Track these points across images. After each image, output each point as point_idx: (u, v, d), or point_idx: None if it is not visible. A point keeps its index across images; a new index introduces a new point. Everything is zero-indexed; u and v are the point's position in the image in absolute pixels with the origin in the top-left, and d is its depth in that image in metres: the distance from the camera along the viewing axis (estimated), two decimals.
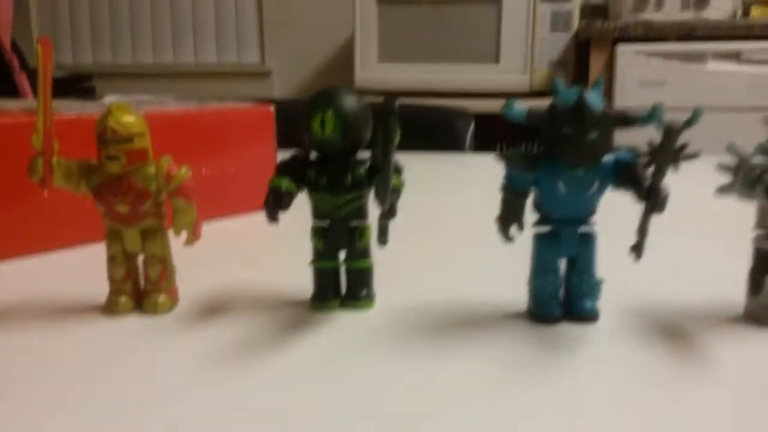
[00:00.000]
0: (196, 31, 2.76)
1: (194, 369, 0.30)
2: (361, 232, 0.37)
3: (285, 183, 0.35)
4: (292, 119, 0.58)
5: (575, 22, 2.14)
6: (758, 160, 0.34)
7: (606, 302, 0.36)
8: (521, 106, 0.33)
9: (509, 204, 0.34)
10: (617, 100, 2.00)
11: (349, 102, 0.35)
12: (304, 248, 0.38)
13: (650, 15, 2.06)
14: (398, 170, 0.36)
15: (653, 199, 0.32)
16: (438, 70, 2.25)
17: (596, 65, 2.04)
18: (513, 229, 0.35)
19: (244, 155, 0.58)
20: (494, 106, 2.11)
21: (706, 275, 0.40)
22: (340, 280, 0.38)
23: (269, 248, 0.50)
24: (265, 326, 0.35)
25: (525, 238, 0.36)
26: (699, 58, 1.94)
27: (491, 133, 2.24)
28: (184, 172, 0.36)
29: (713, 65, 1.94)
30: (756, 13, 2.24)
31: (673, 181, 0.34)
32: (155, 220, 0.37)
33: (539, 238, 0.35)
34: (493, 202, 0.35)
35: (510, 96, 1.90)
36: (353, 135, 0.35)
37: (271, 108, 0.63)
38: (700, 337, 0.34)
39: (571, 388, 0.29)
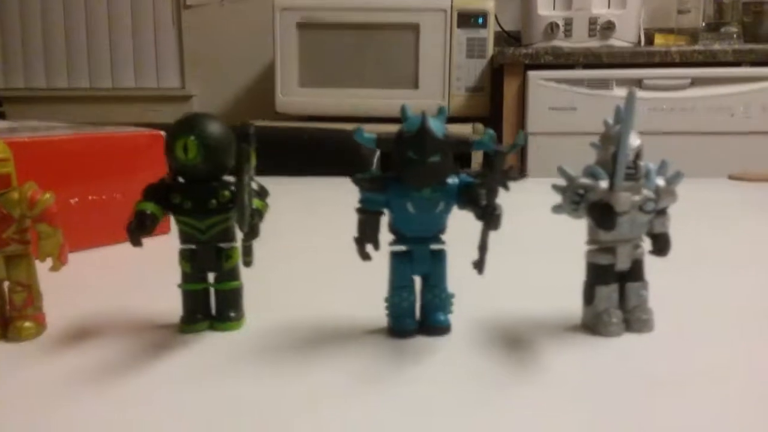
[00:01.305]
0: (114, 55, 2.73)
1: (57, 392, 0.31)
2: (228, 254, 0.38)
3: (150, 207, 0.36)
4: None
5: (490, 49, 2.21)
6: (584, 181, 0.37)
7: (459, 315, 0.39)
8: (371, 132, 0.35)
9: (364, 224, 0.36)
10: (529, 125, 2.07)
11: (212, 128, 0.36)
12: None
13: (560, 42, 2.14)
14: (261, 193, 0.37)
15: (488, 218, 0.35)
16: (358, 95, 2.28)
17: (510, 91, 2.11)
18: (369, 248, 0.37)
19: (133, 180, 0.58)
20: None
21: (550, 288, 0.42)
22: (210, 301, 0.39)
23: (152, 272, 0.51)
24: (132, 349, 0.36)
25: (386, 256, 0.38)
26: (605, 84, 2.03)
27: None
28: (47, 197, 0.37)
29: (618, 91, 2.03)
30: (659, 41, 2.36)
31: (526, 200, 0.36)
32: (19, 246, 0.37)
33: (394, 257, 0.37)
34: None
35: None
36: (216, 160, 0.36)
37: (162, 133, 0.64)
38: (540, 345, 0.36)
39: (420, 394, 0.30)
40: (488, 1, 2.26)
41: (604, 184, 0.36)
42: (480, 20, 2.23)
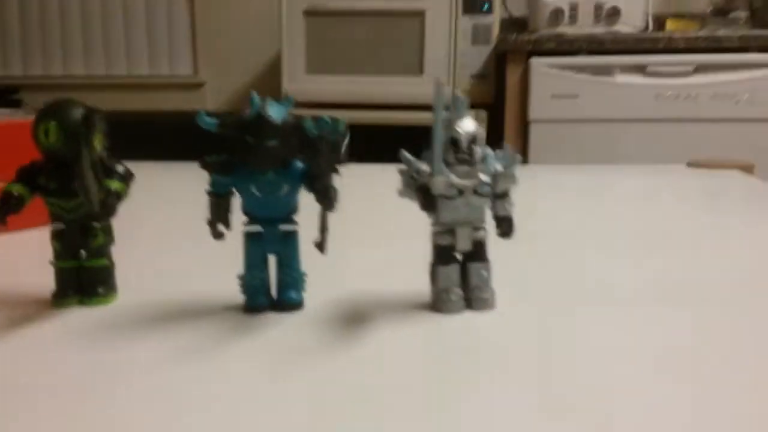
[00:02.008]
0: (128, 43, 2.78)
1: None
2: (94, 233, 0.40)
3: (16, 188, 0.39)
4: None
5: (495, 36, 2.21)
6: (415, 165, 0.38)
7: (315, 293, 0.41)
8: (212, 117, 0.37)
9: (215, 206, 0.38)
10: (532, 112, 2.06)
11: (73, 113, 0.38)
12: None
13: (565, 28, 2.13)
14: (125, 176, 0.40)
15: (322, 200, 0.37)
16: (364, 81, 2.29)
17: (512, 78, 2.10)
18: (221, 228, 0.39)
19: None
20: (418, 118, 2.17)
21: (409, 269, 0.44)
22: (81, 278, 0.41)
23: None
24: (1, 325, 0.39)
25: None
26: (608, 71, 2.01)
27: (414, 144, 2.30)
28: None
29: (621, 78, 2.01)
30: (671, 26, 2.33)
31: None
32: None
33: (246, 237, 0.39)
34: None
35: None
36: (77, 143, 0.38)
37: None
38: (383, 322, 0.38)
39: (240, 366, 0.32)
40: None
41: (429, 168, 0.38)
42: (485, 6, 2.22)
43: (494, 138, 2.08)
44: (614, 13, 2.10)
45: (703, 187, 0.81)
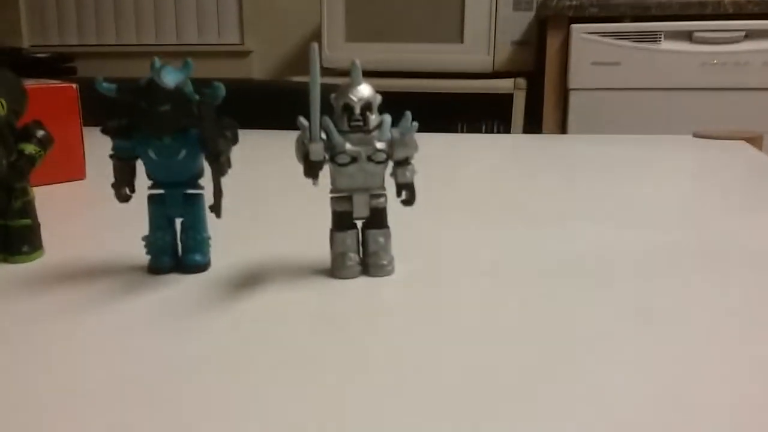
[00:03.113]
0: (178, 12, 2.83)
1: None
2: (16, 194, 0.42)
3: None
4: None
5: (537, 1, 2.16)
6: (305, 132, 0.38)
7: (220, 257, 0.42)
8: (111, 84, 0.38)
9: (118, 170, 0.40)
10: (572, 80, 2.02)
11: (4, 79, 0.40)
12: None
13: None
14: (43, 141, 0.41)
15: (211, 164, 0.37)
16: (404, 49, 2.28)
17: (553, 45, 2.06)
18: (126, 191, 0.40)
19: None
20: (458, 85, 2.18)
21: (315, 234, 0.44)
22: (7, 236, 0.43)
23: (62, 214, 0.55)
24: None
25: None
26: (652, 37, 1.94)
27: (455, 111, 2.28)
28: None
29: (666, 44, 1.94)
30: None
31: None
32: None
33: (150, 199, 0.40)
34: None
35: (473, 76, 1.96)
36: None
37: (75, 86, 0.69)
38: (283, 284, 0.39)
39: (139, 324, 0.34)
40: None
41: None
42: None
43: (533, 106, 2.05)
44: None
45: (702, 159, 0.78)
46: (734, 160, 0.77)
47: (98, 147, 0.66)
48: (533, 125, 2.12)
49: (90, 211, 0.58)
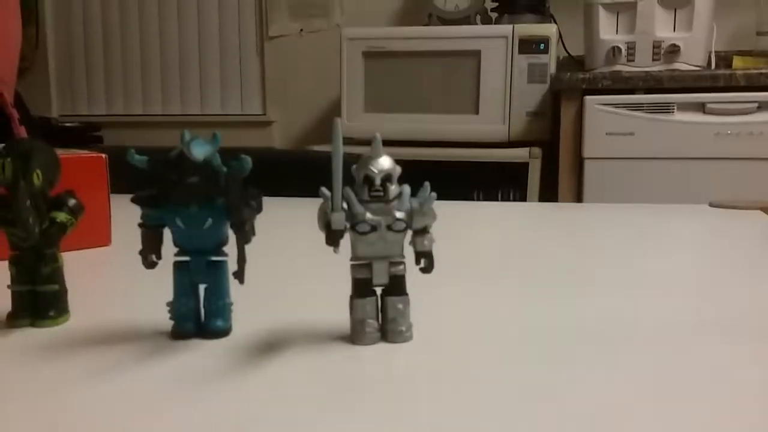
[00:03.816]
0: (203, 83, 2.91)
1: None
2: (47, 260, 0.44)
3: None
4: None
5: (551, 74, 2.20)
6: (327, 202, 0.39)
7: (242, 322, 0.43)
8: (142, 156, 0.40)
9: (146, 237, 0.41)
10: (586, 150, 2.04)
11: (21, 150, 0.42)
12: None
13: (622, 66, 2.11)
14: (74, 210, 0.43)
15: (236, 232, 0.39)
16: (420, 120, 2.33)
17: (567, 116, 2.09)
18: (153, 258, 0.41)
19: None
20: (474, 154, 2.21)
21: (334, 301, 0.45)
22: (35, 301, 0.45)
23: (92, 280, 0.56)
24: None
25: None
26: (665, 108, 1.97)
27: (472, 179, 2.30)
28: None
29: (680, 116, 1.97)
30: (738, 63, 2.26)
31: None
32: None
33: (175, 266, 0.41)
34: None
35: (489, 145, 1.99)
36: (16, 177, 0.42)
37: (104, 156, 0.71)
38: (303, 350, 0.39)
39: (163, 389, 0.34)
40: (550, 26, 2.26)
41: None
42: (542, 46, 2.23)
43: (549, 174, 2.07)
44: (673, 51, 2.07)
45: (719, 228, 0.78)
46: (751, 229, 0.77)
47: (124, 214, 0.68)
48: (549, 194, 2.14)
49: (114, 277, 0.59)
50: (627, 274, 0.58)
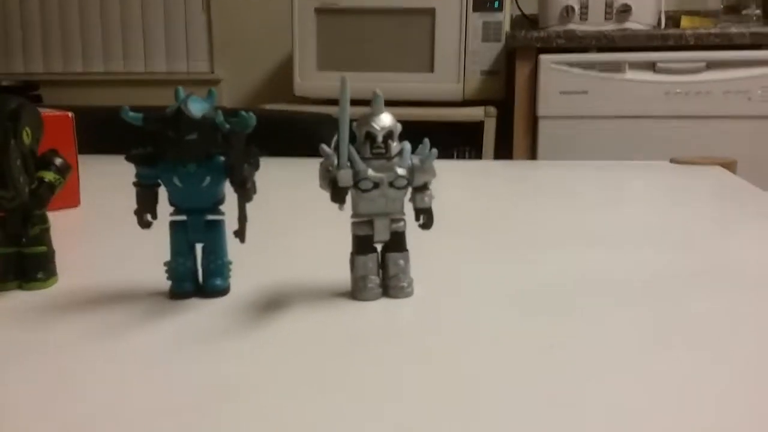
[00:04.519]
0: (147, 40, 2.82)
1: None
2: (33, 222, 0.42)
3: None
4: None
5: (506, 32, 2.21)
6: (330, 159, 0.39)
7: (240, 280, 0.42)
8: (137, 113, 0.39)
9: (141, 197, 0.40)
10: (540, 108, 2.06)
11: (4, 108, 0.40)
12: None
13: (576, 26, 2.12)
14: (61, 169, 0.42)
15: (237, 191, 0.38)
16: (375, 78, 2.30)
17: (522, 74, 2.10)
18: (148, 217, 0.40)
19: None
20: (429, 113, 2.20)
21: (333, 258, 0.45)
22: (22, 263, 0.43)
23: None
24: None
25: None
26: (617, 67, 2.00)
27: (422, 139, 2.31)
28: None
29: (631, 74, 2.00)
30: (685, 23, 2.30)
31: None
32: None
33: (172, 225, 0.41)
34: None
35: (444, 104, 1.98)
36: (5, 136, 0.40)
37: (70, 115, 0.69)
38: (305, 307, 0.39)
39: (164, 349, 0.34)
40: None
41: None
42: (496, 4, 2.23)
43: (503, 134, 2.09)
44: (625, 11, 2.09)
45: (683, 183, 0.81)
46: (714, 184, 0.80)
47: (91, 175, 0.66)
48: (504, 152, 2.16)
49: (90, 238, 0.58)
50: (606, 229, 0.59)
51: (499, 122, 2.19)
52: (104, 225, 0.62)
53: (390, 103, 0.41)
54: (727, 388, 0.30)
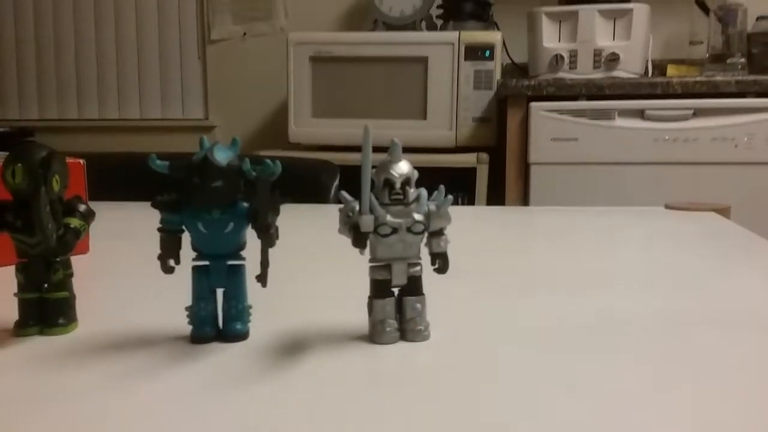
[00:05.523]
0: (142, 87, 2.85)
1: None
2: (56, 268, 0.43)
3: None
4: None
5: (497, 80, 2.25)
6: (351, 205, 0.41)
7: (259, 325, 0.43)
8: (163, 161, 0.40)
9: (165, 242, 0.41)
10: (532, 155, 2.09)
11: (35, 155, 0.41)
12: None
13: (565, 74, 2.17)
14: (86, 215, 0.43)
15: (261, 236, 0.39)
16: (369, 125, 2.33)
17: (513, 121, 2.14)
18: (171, 263, 0.41)
19: None
20: (422, 160, 2.22)
21: (350, 302, 0.46)
22: (42, 309, 0.44)
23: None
24: None
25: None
26: (607, 115, 2.04)
27: (421, 184, 2.33)
28: None
29: (620, 122, 2.04)
30: (672, 71, 2.36)
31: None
32: None
33: (194, 270, 0.42)
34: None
35: (437, 151, 2.01)
36: (36, 183, 0.41)
37: (82, 162, 0.70)
38: (324, 351, 0.40)
39: (189, 393, 0.34)
40: (495, 34, 2.31)
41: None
42: (487, 53, 2.27)
43: (495, 179, 2.11)
44: (613, 59, 2.14)
45: (678, 228, 0.82)
46: (709, 229, 0.82)
47: (100, 221, 0.67)
48: (496, 198, 2.18)
49: (105, 284, 0.59)
50: (606, 273, 0.60)
51: (491, 168, 2.22)
52: (117, 270, 0.63)
53: (384, 150, 0.42)
54: (734, 423, 0.30)
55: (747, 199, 1.94)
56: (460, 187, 2.28)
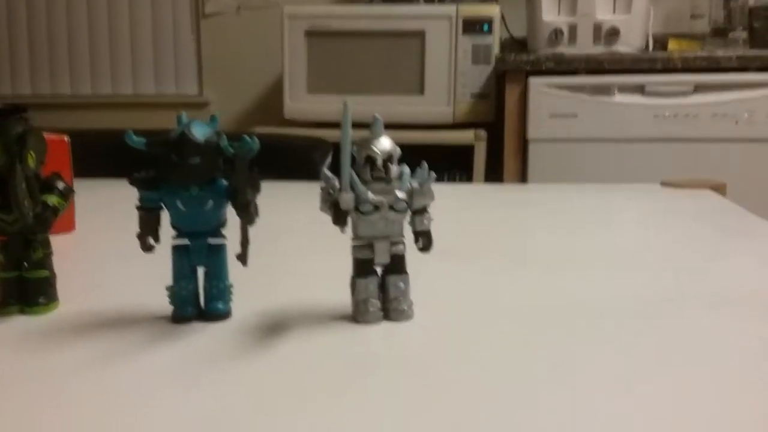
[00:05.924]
0: (135, 63, 2.83)
1: None
2: (35, 246, 0.43)
3: None
4: None
5: (495, 55, 2.23)
6: (331, 182, 0.40)
7: (241, 304, 0.42)
8: (140, 137, 0.39)
9: (144, 220, 0.40)
10: (530, 131, 2.08)
11: (11, 132, 0.41)
12: None
13: (564, 48, 2.15)
14: (64, 192, 0.42)
15: (240, 214, 0.39)
16: (365, 101, 2.32)
17: (511, 97, 2.12)
18: (151, 241, 0.41)
19: None
20: (420, 137, 2.21)
21: (333, 281, 0.46)
22: (23, 288, 0.43)
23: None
24: None
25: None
26: (606, 90, 2.02)
27: (418, 162, 2.32)
28: None
29: (620, 97, 2.02)
30: (672, 46, 2.34)
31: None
32: None
33: (174, 249, 0.41)
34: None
35: (434, 127, 1.99)
36: (12, 160, 0.40)
37: (66, 138, 0.69)
38: (306, 331, 0.40)
39: (168, 373, 0.34)
40: (494, 7, 2.28)
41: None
42: (485, 27, 2.25)
43: (494, 156, 2.09)
44: (613, 34, 2.11)
45: (674, 205, 0.82)
46: (705, 206, 0.81)
47: (84, 199, 0.67)
48: (494, 175, 2.17)
49: (88, 263, 0.58)
50: (600, 251, 0.60)
51: (489, 145, 2.20)
52: (101, 249, 0.63)
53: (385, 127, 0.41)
54: (725, 404, 0.30)
55: (746, 176, 1.93)
56: (457, 164, 2.27)
